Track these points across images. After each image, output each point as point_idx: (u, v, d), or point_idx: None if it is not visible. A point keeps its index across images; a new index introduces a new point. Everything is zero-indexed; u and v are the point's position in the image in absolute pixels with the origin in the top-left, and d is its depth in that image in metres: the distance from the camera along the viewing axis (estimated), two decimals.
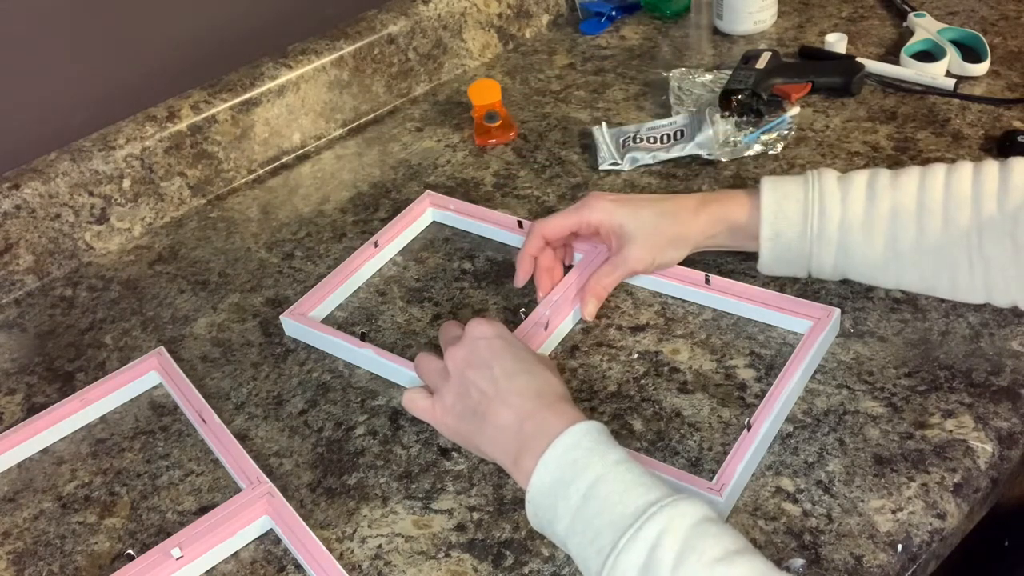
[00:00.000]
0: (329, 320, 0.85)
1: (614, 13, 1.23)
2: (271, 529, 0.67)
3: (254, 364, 0.82)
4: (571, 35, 1.23)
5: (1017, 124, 0.93)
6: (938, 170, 0.71)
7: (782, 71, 1.02)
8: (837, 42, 1.07)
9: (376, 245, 0.89)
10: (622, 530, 0.53)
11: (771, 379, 0.72)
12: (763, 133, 0.96)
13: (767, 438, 0.66)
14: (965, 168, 0.71)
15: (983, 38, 1.02)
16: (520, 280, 0.82)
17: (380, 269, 0.90)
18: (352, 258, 0.88)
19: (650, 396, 0.72)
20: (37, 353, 0.87)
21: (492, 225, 0.90)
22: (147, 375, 0.81)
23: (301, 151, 1.08)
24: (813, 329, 0.72)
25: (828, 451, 0.66)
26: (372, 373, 0.79)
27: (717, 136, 0.96)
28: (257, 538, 0.67)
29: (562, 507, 0.56)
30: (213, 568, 0.66)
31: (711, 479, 0.63)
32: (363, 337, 0.79)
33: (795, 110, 0.99)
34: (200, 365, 0.82)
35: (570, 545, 0.57)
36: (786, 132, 0.96)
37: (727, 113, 0.99)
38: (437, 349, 0.75)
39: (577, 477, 0.56)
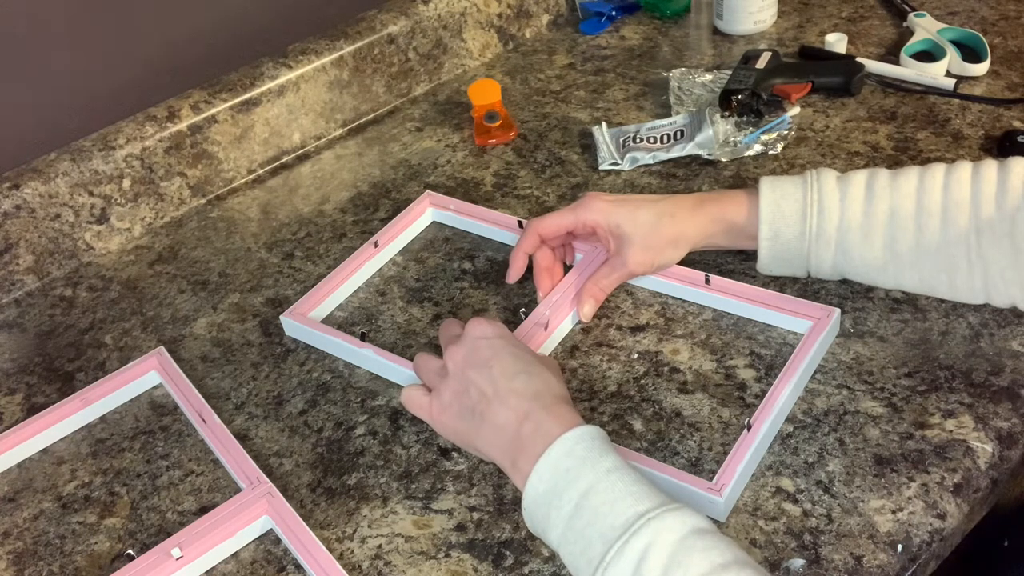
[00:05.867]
0: (329, 320, 0.85)
1: (614, 13, 1.23)
2: (271, 529, 0.67)
3: (254, 364, 0.82)
4: (571, 35, 1.23)
5: (1017, 124, 0.93)
6: (937, 171, 0.71)
7: (782, 71, 1.02)
8: (837, 42, 1.07)
9: (376, 245, 0.89)
10: (610, 542, 0.53)
11: (771, 379, 0.72)
12: (763, 133, 0.96)
13: (767, 438, 0.66)
14: (964, 169, 0.70)
15: (983, 38, 1.02)
16: (512, 277, 0.82)
17: (380, 269, 0.90)
18: (352, 258, 0.88)
19: (650, 396, 0.72)
20: (37, 353, 0.87)
21: (492, 225, 0.90)
22: (147, 375, 0.81)
23: (301, 151, 1.08)
24: (813, 329, 0.72)
25: (828, 451, 0.66)
26: (372, 373, 0.79)
27: (717, 136, 0.96)
28: (257, 538, 0.67)
29: (555, 516, 0.56)
30: (213, 568, 0.66)
31: (711, 479, 0.63)
32: (363, 337, 0.79)
33: (795, 110, 0.99)
34: (200, 365, 0.82)
35: (563, 553, 0.56)
36: (786, 132, 0.96)
37: (727, 113, 0.99)
38: (437, 349, 0.75)
39: (569, 486, 0.56)
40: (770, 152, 0.95)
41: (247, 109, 1.01)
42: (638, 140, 0.98)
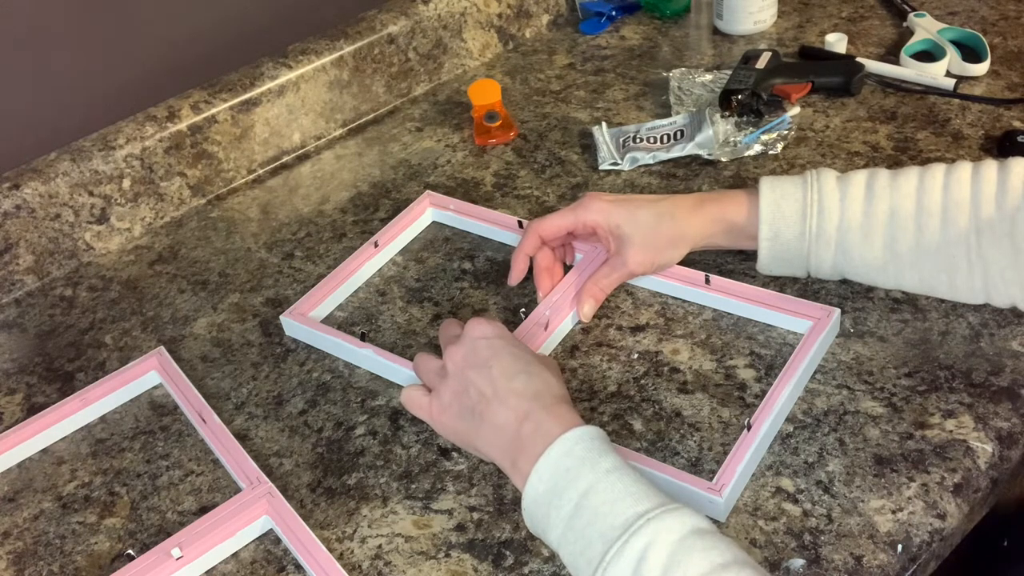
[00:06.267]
0: (329, 320, 0.85)
1: (614, 13, 1.23)
2: (271, 529, 0.67)
3: (254, 364, 0.82)
4: (571, 35, 1.23)
5: (1017, 124, 0.93)
6: (937, 171, 0.71)
7: (782, 71, 1.02)
8: (837, 42, 1.07)
9: (376, 245, 0.89)
10: (610, 542, 0.53)
11: (771, 379, 0.72)
12: (763, 133, 0.96)
13: (767, 438, 0.66)
14: (964, 169, 0.70)
15: (983, 38, 1.02)
16: (514, 279, 0.82)
17: (380, 269, 0.90)
18: (352, 258, 0.88)
19: (650, 396, 0.72)
20: (37, 353, 0.87)
21: (492, 225, 0.90)
22: (147, 375, 0.81)
23: (301, 151, 1.08)
24: (813, 329, 0.72)
25: (828, 451, 0.66)
26: (372, 373, 0.79)
27: (717, 136, 0.96)
28: (257, 538, 0.67)
29: (555, 516, 0.56)
30: (213, 568, 0.66)
31: (711, 479, 0.63)
32: (363, 337, 0.79)
33: (795, 110, 0.99)
34: (200, 365, 0.82)
35: (562, 553, 0.56)
36: (786, 132, 0.96)
37: (727, 113, 0.99)
38: (437, 349, 0.75)
39: (569, 486, 0.56)
40: (770, 152, 0.95)
41: (247, 109, 1.01)
42: (638, 140, 0.98)
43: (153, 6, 0.96)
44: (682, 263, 0.79)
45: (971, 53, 1.02)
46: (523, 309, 0.80)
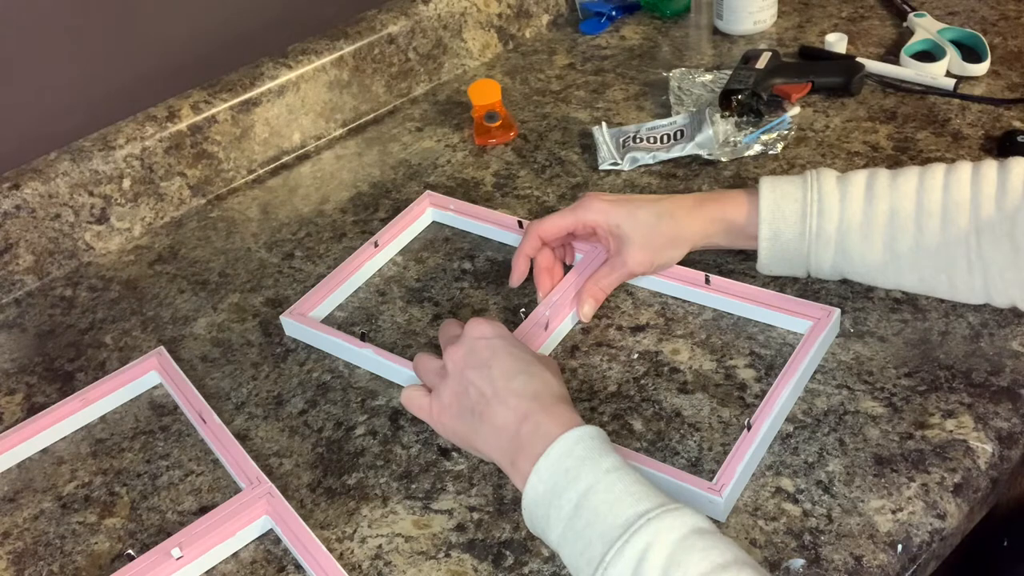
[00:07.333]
0: (329, 320, 0.85)
1: (614, 13, 1.23)
2: (271, 529, 0.67)
3: (254, 364, 0.82)
4: (571, 35, 1.23)
5: (1017, 124, 0.93)
6: (937, 171, 0.71)
7: (782, 71, 1.02)
8: (837, 42, 1.07)
9: (376, 245, 0.89)
10: (610, 543, 0.53)
11: (771, 379, 0.72)
12: (763, 133, 0.96)
13: (767, 438, 0.66)
14: (964, 169, 0.70)
15: (983, 38, 1.02)
16: (515, 280, 0.82)
17: (380, 269, 0.90)
18: (352, 258, 0.88)
19: (650, 396, 0.72)
20: (37, 353, 0.87)
21: (492, 225, 0.90)
22: (147, 375, 0.81)
23: (301, 151, 1.08)
24: (813, 329, 0.72)
25: (828, 451, 0.66)
26: (372, 373, 0.79)
27: (717, 136, 0.96)
28: (257, 538, 0.67)
29: (554, 516, 0.56)
30: (213, 568, 0.66)
31: (711, 479, 0.63)
32: (363, 337, 0.79)
33: (795, 110, 0.99)
34: (200, 365, 0.82)
35: (563, 554, 0.56)
36: (786, 132, 0.96)
37: (727, 113, 0.99)
38: (437, 349, 0.75)
39: (569, 487, 0.56)
40: (770, 152, 0.95)
41: (247, 109, 1.01)
42: (638, 140, 0.98)
43: (153, 6, 0.96)
44: (682, 263, 0.79)
45: (971, 53, 1.02)
46: (523, 309, 0.80)
